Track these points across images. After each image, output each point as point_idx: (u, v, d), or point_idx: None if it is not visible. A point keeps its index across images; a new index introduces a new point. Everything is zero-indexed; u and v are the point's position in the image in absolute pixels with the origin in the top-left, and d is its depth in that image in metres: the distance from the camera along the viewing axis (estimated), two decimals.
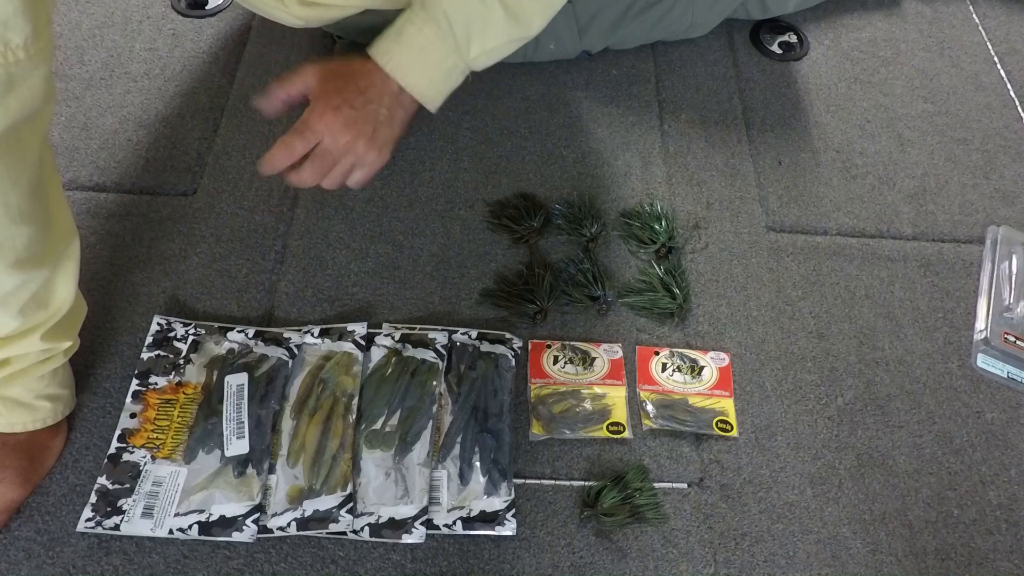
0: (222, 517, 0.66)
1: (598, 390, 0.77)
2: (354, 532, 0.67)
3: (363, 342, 0.76)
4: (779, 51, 1.10)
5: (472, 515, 0.68)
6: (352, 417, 0.71)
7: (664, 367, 0.80)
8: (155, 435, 0.70)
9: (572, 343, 0.80)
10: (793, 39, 1.12)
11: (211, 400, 0.72)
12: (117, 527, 0.65)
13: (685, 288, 0.84)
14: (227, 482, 0.67)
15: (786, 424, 0.78)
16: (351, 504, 0.67)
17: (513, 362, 0.77)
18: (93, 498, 0.66)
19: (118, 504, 0.66)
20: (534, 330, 0.81)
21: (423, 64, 0.78)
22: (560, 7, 0.80)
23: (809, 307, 0.86)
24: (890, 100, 1.07)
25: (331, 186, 0.78)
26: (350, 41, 1.00)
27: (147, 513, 0.66)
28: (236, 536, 0.65)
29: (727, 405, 0.78)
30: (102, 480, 0.67)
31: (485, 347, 0.77)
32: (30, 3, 0.45)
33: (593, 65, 1.04)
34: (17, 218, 0.52)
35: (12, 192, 0.51)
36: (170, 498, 0.66)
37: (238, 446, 0.69)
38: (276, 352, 0.75)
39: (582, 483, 0.72)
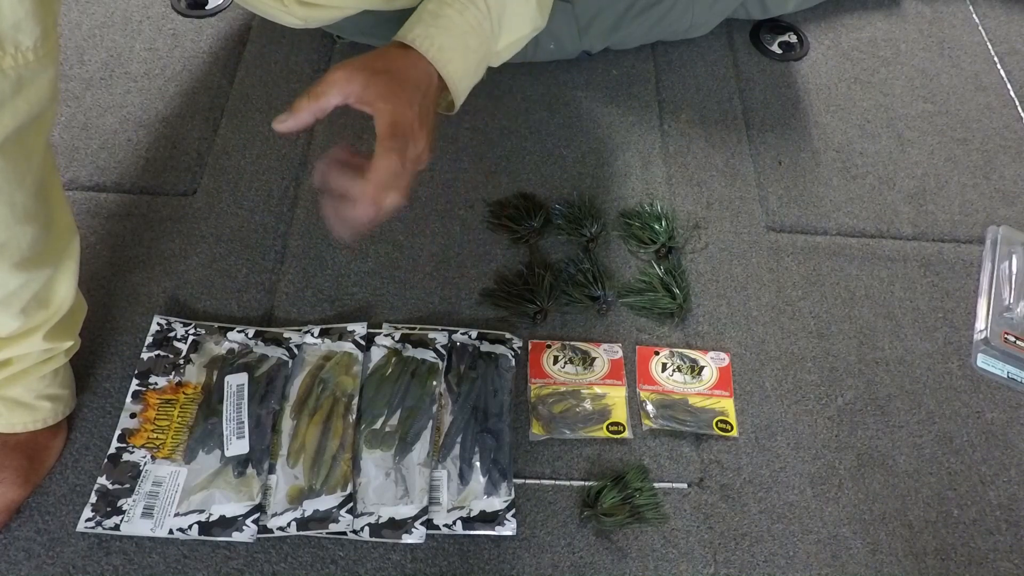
0: (222, 517, 0.66)
1: (598, 390, 0.77)
2: (354, 532, 0.67)
3: (363, 342, 0.76)
4: (779, 51, 1.10)
5: (472, 515, 0.68)
6: (352, 417, 0.71)
7: (664, 367, 0.80)
8: (155, 435, 0.70)
9: (572, 343, 0.80)
10: (793, 39, 1.12)
11: (211, 400, 0.72)
12: (117, 527, 0.65)
13: (685, 288, 0.84)
14: (227, 482, 0.67)
15: (786, 424, 0.78)
16: (351, 504, 0.67)
17: (513, 362, 0.77)
18: (93, 498, 0.66)
19: (118, 504, 0.66)
20: (534, 330, 0.81)
21: (463, 50, 0.70)
22: None
23: (809, 307, 0.86)
24: (890, 100, 1.07)
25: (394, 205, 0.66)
26: (350, 41, 1.00)
27: (147, 513, 0.66)
28: (236, 536, 0.65)
29: (727, 405, 0.78)
30: (102, 480, 0.67)
31: (485, 347, 0.77)
32: (40, 6, 0.45)
33: (593, 65, 1.04)
34: (22, 217, 0.53)
35: (18, 192, 0.51)
36: (170, 498, 0.66)
37: (238, 446, 0.69)
38: (276, 352, 0.75)
39: (582, 483, 0.72)
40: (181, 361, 0.74)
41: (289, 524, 0.66)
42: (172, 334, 0.76)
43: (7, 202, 0.51)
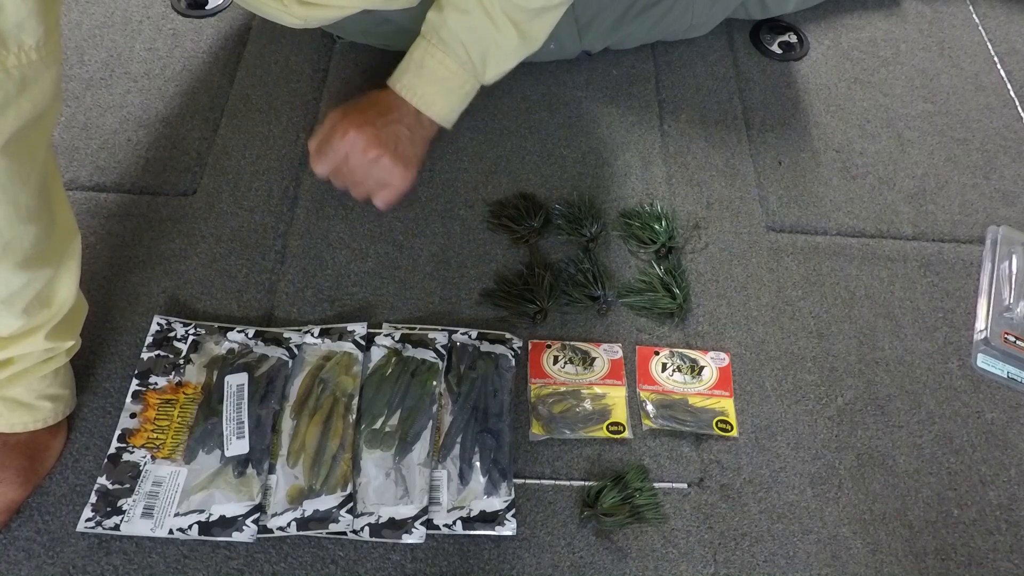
0: (222, 517, 0.66)
1: (598, 390, 0.77)
2: (354, 532, 0.67)
3: (363, 342, 0.76)
4: (779, 51, 1.10)
5: (472, 515, 0.68)
6: (352, 417, 0.71)
7: (664, 367, 0.80)
8: (155, 435, 0.70)
9: (572, 343, 0.80)
10: (793, 39, 1.12)
11: (211, 400, 0.72)
12: (117, 527, 0.65)
13: (685, 288, 0.84)
14: (227, 482, 0.67)
15: (786, 424, 0.78)
16: (351, 504, 0.67)
17: (513, 362, 0.77)
18: (93, 498, 0.66)
19: (118, 504, 0.66)
20: (534, 330, 0.81)
21: (446, 93, 0.83)
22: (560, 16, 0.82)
23: (809, 307, 0.86)
24: (890, 100, 1.07)
25: (359, 197, 0.84)
26: (350, 41, 1.00)
27: (147, 513, 0.66)
28: (236, 536, 0.65)
29: (727, 405, 0.78)
30: (102, 480, 0.67)
31: (485, 347, 0.77)
32: (43, 5, 0.45)
33: (593, 65, 1.04)
34: (25, 217, 0.53)
35: (22, 191, 0.52)
36: (170, 498, 0.66)
37: (238, 446, 0.69)
38: (276, 352, 0.75)
39: (582, 483, 0.72)
40: (181, 361, 0.74)
41: (289, 524, 0.66)
42: (172, 334, 0.76)
43: (11, 201, 0.51)
